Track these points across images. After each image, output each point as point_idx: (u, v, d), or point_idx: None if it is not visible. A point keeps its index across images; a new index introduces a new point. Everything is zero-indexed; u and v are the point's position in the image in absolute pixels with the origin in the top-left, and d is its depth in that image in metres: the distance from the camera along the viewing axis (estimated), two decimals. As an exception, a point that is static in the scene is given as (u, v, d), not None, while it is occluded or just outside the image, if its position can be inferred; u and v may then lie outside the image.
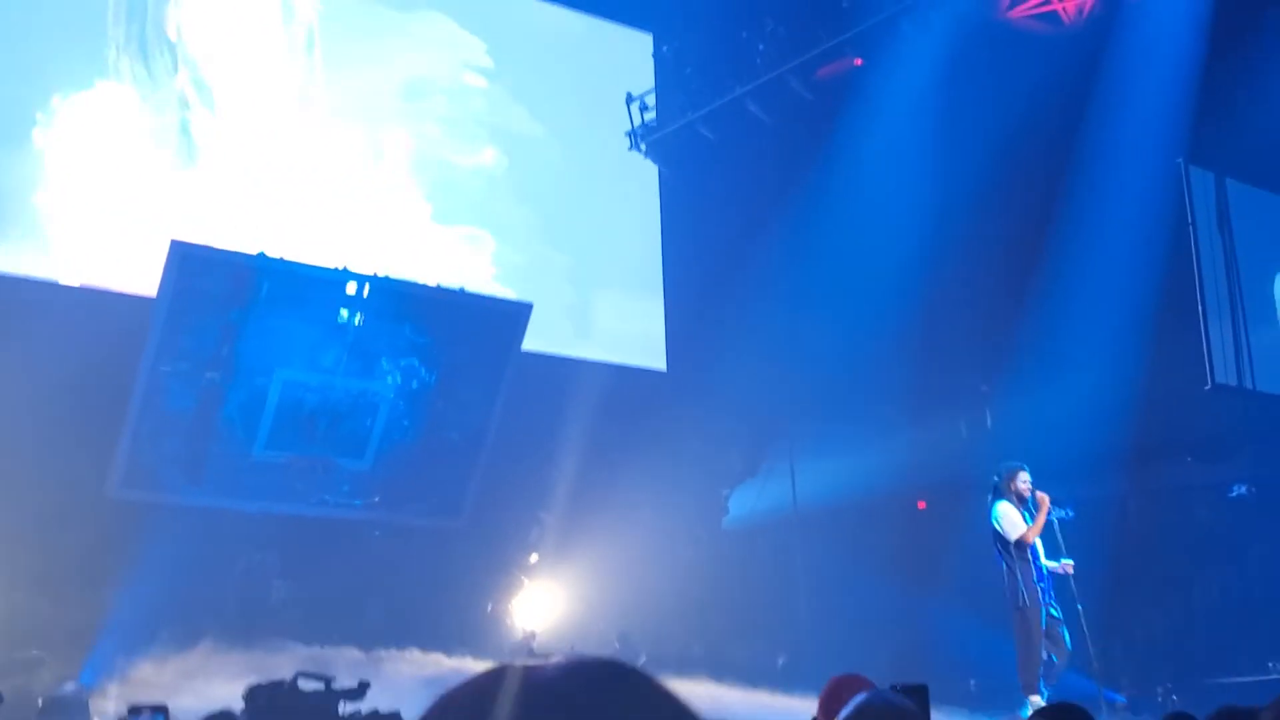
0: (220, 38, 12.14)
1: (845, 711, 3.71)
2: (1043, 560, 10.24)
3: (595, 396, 13.72)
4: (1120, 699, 11.35)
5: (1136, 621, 12.46)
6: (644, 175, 15.10)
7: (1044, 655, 10.23)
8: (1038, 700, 10.09)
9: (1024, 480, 10.28)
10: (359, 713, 6.90)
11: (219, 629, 10.63)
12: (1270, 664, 11.27)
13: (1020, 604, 10.22)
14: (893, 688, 4.14)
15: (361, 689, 7.09)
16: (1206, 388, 12.72)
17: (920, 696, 4.84)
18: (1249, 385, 13.13)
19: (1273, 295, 14.15)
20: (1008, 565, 10.29)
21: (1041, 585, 10.20)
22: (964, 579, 12.84)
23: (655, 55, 15.50)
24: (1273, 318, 13.98)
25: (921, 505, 14.56)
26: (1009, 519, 10.20)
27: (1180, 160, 13.07)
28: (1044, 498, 10.20)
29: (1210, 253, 13.22)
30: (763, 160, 14.40)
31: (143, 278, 11.50)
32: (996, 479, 10.42)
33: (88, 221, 11.45)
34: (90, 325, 11.01)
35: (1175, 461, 13.59)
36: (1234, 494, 13.96)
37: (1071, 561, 10.30)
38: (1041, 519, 10.19)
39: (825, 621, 12.79)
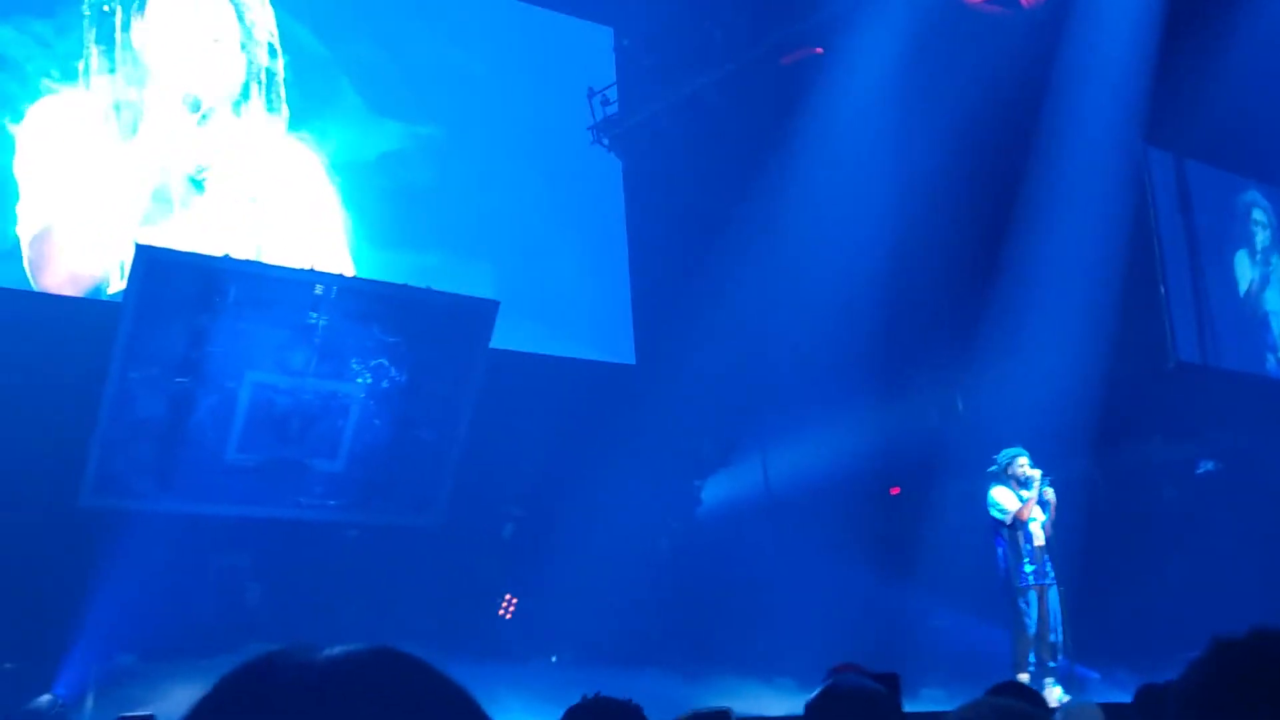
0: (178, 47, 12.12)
1: (814, 694, 3.76)
2: (1036, 542, 10.45)
3: (566, 392, 13.75)
4: (1094, 675, 11.49)
5: (1109, 599, 12.57)
6: (607, 170, 15.10)
7: (1049, 635, 10.46)
8: (1025, 679, 10.26)
9: (1022, 464, 10.56)
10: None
11: (195, 634, 10.55)
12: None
13: (1011, 586, 10.47)
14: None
15: None
16: (1170, 366, 12.86)
17: (891, 684, 4.88)
18: (1212, 363, 13.28)
19: (1232, 273, 14.30)
20: (1002, 548, 10.54)
21: (1034, 567, 10.42)
22: (938, 564, 12.96)
23: (616, 49, 15.51)
24: (1232, 296, 14.14)
25: (895, 491, 14.65)
26: (1003, 500, 10.48)
27: (1140, 142, 13.19)
28: (1035, 473, 10.47)
29: (1171, 232, 13.35)
30: (726, 150, 14.42)
31: (107, 282, 11.48)
32: (995, 464, 10.68)
33: (51, 226, 11.41)
34: (55, 332, 10.96)
35: (1142, 440, 13.75)
36: (1200, 471, 14.13)
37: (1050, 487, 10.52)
38: (1034, 496, 10.42)
39: (802, 609, 12.84)
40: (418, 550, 12.67)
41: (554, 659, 12.71)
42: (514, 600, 13.42)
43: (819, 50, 13.92)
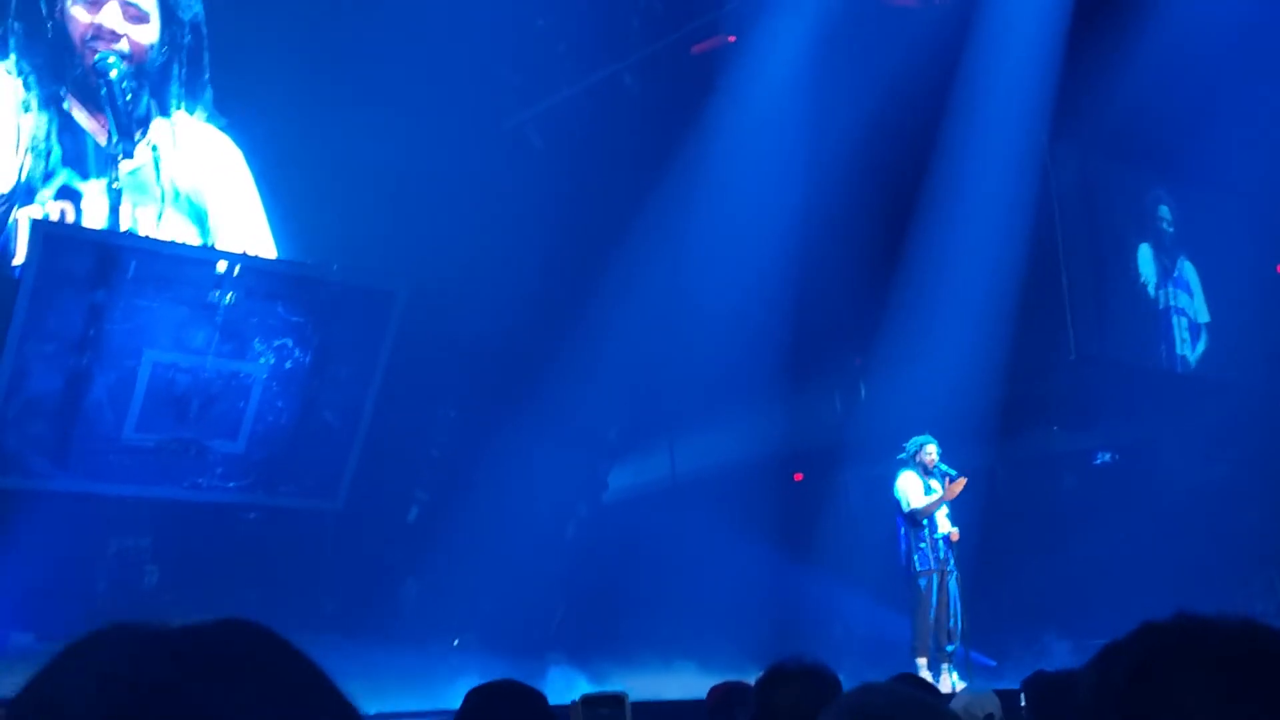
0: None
1: (763, 673, 3.85)
2: (940, 530, 10.66)
3: (471, 377, 13.67)
4: (990, 662, 11.70)
5: (1005, 587, 12.78)
6: (519, 152, 14.97)
7: (948, 621, 10.65)
8: (923, 663, 10.45)
9: (930, 452, 10.78)
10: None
11: (89, 616, 10.29)
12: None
13: (911, 571, 10.68)
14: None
15: None
16: (1071, 358, 13.09)
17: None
18: (1112, 356, 13.53)
19: (1134, 268, 14.57)
20: (903, 531, 10.75)
21: (933, 553, 10.61)
22: (841, 549, 13.12)
23: (530, 31, 15.37)
24: (1134, 290, 14.40)
25: (798, 477, 14.77)
26: (907, 488, 10.69)
27: (1045, 137, 13.39)
28: (960, 482, 10.63)
29: (1073, 227, 13.57)
30: (638, 137, 14.40)
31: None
32: (904, 451, 10.88)
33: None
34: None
35: (1042, 431, 14.01)
36: (1099, 461, 14.42)
37: (957, 530, 10.75)
38: (939, 497, 10.61)
39: (706, 595, 12.93)
40: (321, 533, 12.56)
41: (456, 643, 12.67)
42: None
43: (731, 39, 13.95)
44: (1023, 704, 6.18)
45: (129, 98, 11.41)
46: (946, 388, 12.68)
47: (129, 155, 11.31)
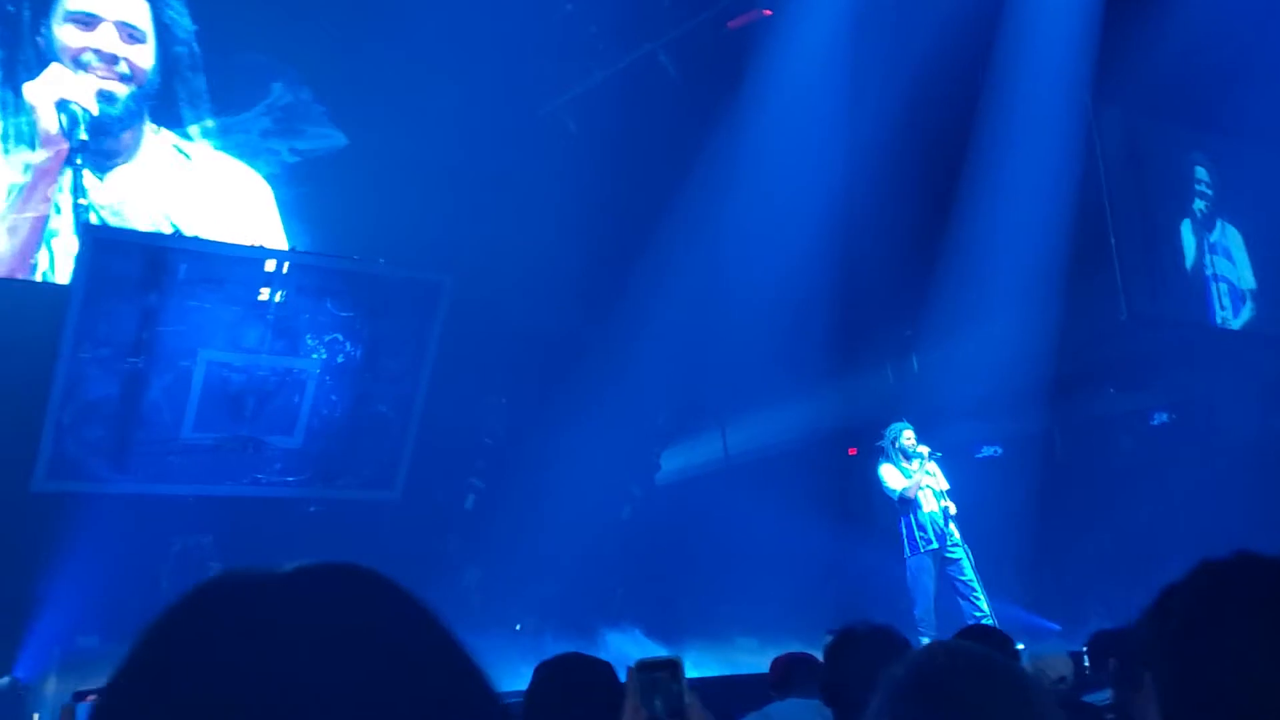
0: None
1: (833, 637, 3.88)
2: (925, 509, 10.79)
3: (523, 363, 13.71)
4: (1054, 626, 11.65)
5: (1066, 551, 12.72)
6: (555, 135, 14.95)
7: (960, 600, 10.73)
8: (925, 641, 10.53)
9: (907, 437, 10.95)
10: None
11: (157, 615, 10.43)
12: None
13: (905, 554, 10.92)
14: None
15: None
16: (1123, 318, 12.97)
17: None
18: (1164, 314, 13.40)
19: (1176, 233, 14.41)
20: (899, 517, 10.97)
21: (925, 534, 10.75)
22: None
23: (559, 15, 15.32)
24: (1175, 255, 14.25)
25: (853, 452, 14.73)
26: (889, 478, 10.90)
27: (1089, 98, 13.25)
28: (923, 449, 10.80)
29: (1120, 187, 13.43)
30: (674, 115, 14.35)
31: (56, 266, 11.32)
32: (882, 441, 11.05)
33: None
34: (2, 316, 10.82)
35: (1097, 393, 13.91)
36: (1155, 421, 14.29)
37: (953, 503, 10.88)
38: (919, 473, 10.73)
39: (763, 571, 12.93)
40: (379, 524, 12.63)
41: (518, 627, 12.74)
42: None
43: (767, 12, 13.85)
44: (1086, 664, 6.16)
45: (124, 120, 11.49)
46: (998, 355, 12.61)
47: (103, 174, 11.38)
